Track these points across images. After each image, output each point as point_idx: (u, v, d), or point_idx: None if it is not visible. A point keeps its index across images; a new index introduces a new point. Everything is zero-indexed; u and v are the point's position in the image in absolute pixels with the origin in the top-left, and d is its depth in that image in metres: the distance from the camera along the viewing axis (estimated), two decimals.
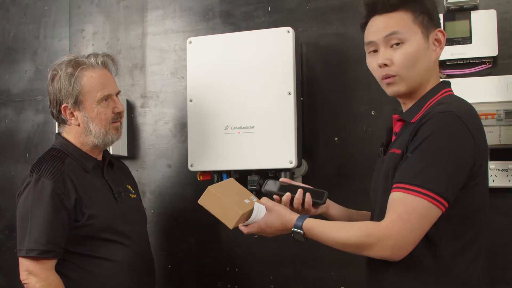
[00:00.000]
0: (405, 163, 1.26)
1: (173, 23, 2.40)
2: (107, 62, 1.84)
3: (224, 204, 1.44)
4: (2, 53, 2.68)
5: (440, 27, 1.40)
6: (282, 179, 1.58)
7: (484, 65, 1.92)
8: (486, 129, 1.79)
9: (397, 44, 1.35)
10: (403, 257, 1.24)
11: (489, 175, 1.84)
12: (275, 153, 1.95)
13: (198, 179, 2.14)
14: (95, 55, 1.82)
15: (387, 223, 1.24)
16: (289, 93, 1.96)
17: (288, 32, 1.98)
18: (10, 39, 2.67)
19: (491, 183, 1.84)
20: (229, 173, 2.11)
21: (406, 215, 1.22)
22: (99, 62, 1.81)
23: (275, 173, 2.02)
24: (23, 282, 1.64)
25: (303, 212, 1.53)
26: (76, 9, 2.56)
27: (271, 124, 1.97)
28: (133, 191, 1.93)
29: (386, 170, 1.37)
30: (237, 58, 2.03)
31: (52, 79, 1.80)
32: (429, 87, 1.40)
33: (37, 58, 2.62)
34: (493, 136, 1.82)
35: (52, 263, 1.65)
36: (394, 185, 1.26)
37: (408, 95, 1.41)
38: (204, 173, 2.13)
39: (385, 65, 1.36)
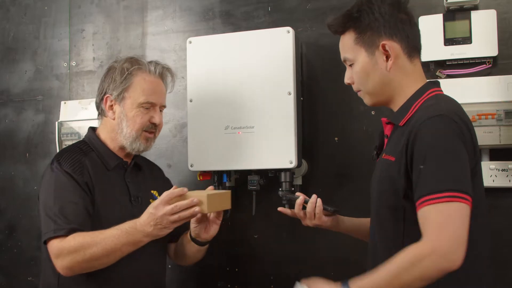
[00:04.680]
0: (422, 176, 1.25)
1: (173, 23, 2.40)
2: (165, 75, 1.85)
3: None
4: (2, 53, 2.68)
5: (396, 35, 1.39)
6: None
7: (484, 65, 1.92)
8: (486, 129, 1.82)
9: (351, 64, 1.46)
10: (461, 261, 1.19)
11: (489, 175, 1.84)
12: (275, 153, 1.95)
13: (198, 179, 2.14)
14: (157, 63, 1.83)
15: (429, 237, 1.21)
16: (289, 93, 1.96)
17: (288, 32, 1.98)
18: (10, 39, 2.67)
19: (491, 183, 1.84)
20: (229, 173, 2.11)
21: (444, 222, 1.20)
22: (157, 71, 1.81)
23: (275, 173, 2.02)
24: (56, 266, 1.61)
25: (316, 220, 1.62)
26: (76, 9, 2.56)
27: (271, 124, 1.97)
28: (157, 197, 1.85)
29: (380, 176, 1.39)
30: (237, 58, 2.03)
31: (109, 69, 1.82)
32: (412, 90, 1.40)
33: (37, 58, 2.62)
34: (493, 136, 1.82)
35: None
36: (421, 199, 1.24)
37: (385, 103, 1.46)
38: (204, 173, 2.13)
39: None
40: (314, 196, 1.62)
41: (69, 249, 1.58)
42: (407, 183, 1.30)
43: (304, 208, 1.64)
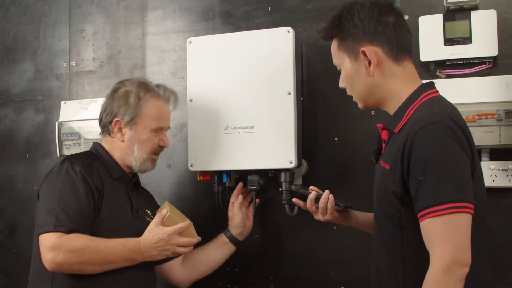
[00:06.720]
0: (422, 187, 1.24)
1: (173, 23, 2.40)
2: (171, 99, 1.94)
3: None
4: (2, 53, 2.68)
5: (377, 40, 1.39)
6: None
7: (484, 65, 1.91)
8: (486, 129, 1.82)
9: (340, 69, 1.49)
10: (470, 260, 1.21)
11: (489, 175, 1.84)
12: (275, 153, 1.95)
13: (198, 179, 2.13)
14: (165, 88, 1.91)
15: (437, 254, 1.21)
16: (289, 93, 1.96)
17: (288, 32, 1.98)
18: (10, 39, 2.67)
19: (491, 183, 1.84)
20: (229, 173, 2.11)
21: (448, 235, 1.20)
22: (166, 96, 1.90)
23: (275, 173, 2.02)
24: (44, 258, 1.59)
25: (328, 216, 1.63)
26: (76, 9, 2.56)
27: (271, 124, 1.97)
28: (152, 216, 1.89)
29: (378, 183, 1.40)
30: (237, 58, 2.03)
31: (116, 90, 1.86)
32: (405, 93, 1.39)
33: (37, 58, 2.62)
34: (493, 136, 1.82)
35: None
36: (423, 212, 1.24)
37: (377, 106, 1.47)
38: (204, 173, 2.13)
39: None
40: (326, 192, 1.63)
41: (69, 248, 1.57)
42: (403, 191, 1.30)
43: (316, 202, 1.65)
